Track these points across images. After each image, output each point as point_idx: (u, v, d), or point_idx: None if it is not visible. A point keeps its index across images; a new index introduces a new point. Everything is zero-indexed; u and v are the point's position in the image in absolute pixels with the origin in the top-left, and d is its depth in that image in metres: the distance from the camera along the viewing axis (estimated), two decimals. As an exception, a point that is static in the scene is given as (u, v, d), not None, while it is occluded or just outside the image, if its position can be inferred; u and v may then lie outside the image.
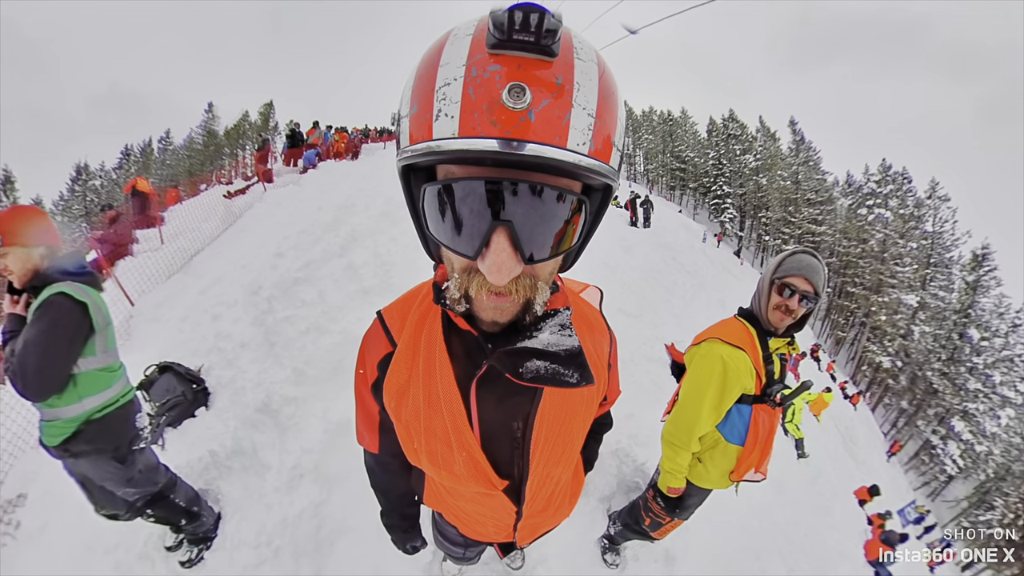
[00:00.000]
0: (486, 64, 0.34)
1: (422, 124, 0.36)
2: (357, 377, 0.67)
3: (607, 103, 0.38)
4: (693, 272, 7.56)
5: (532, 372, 0.49)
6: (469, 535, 0.86)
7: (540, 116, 0.33)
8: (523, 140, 0.33)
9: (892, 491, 9.40)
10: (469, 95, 0.34)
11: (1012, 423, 21.17)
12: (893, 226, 26.25)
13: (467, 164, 0.37)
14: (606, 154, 0.38)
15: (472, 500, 0.71)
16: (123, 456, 1.34)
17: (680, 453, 1.35)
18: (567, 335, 0.51)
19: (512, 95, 0.33)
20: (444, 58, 0.36)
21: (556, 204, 0.38)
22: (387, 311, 0.64)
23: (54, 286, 1.16)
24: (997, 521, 19.04)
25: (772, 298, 1.24)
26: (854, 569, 3.66)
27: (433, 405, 0.57)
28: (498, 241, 0.38)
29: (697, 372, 1.29)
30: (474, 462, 0.58)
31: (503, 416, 0.58)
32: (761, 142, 36.01)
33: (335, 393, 2.34)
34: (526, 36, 0.33)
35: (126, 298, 3.67)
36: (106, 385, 1.30)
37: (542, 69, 0.35)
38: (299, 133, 10.21)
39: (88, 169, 33.96)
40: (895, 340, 24.55)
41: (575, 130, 0.35)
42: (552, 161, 0.34)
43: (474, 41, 0.36)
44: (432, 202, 0.39)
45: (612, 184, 0.41)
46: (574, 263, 0.51)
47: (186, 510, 1.63)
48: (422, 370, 0.57)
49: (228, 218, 5.89)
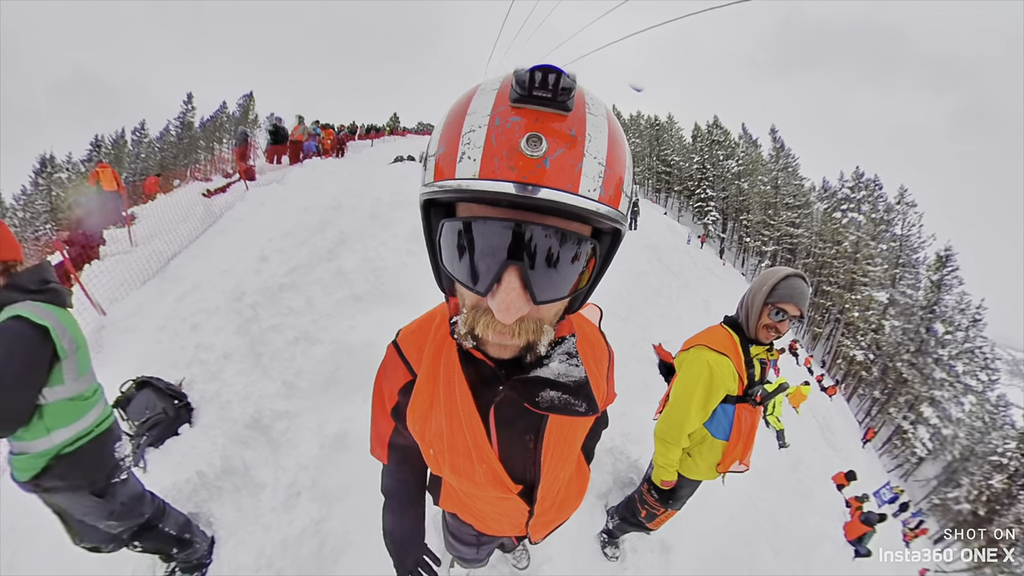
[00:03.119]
0: (508, 115, 0.38)
1: (447, 164, 0.39)
2: (375, 398, 0.73)
3: (615, 153, 0.41)
4: (678, 273, 7.73)
5: (547, 402, 0.54)
6: (485, 531, 0.91)
7: (555, 164, 0.36)
8: (538, 185, 0.36)
9: (868, 475, 9.90)
10: (491, 142, 0.37)
11: (974, 408, 22.99)
12: (865, 229, 27.55)
13: (485, 204, 0.40)
14: (615, 200, 0.40)
15: (489, 502, 0.77)
16: (101, 490, 1.23)
17: (671, 449, 1.47)
18: (575, 365, 0.54)
19: (530, 144, 0.36)
20: (472, 107, 0.40)
21: (567, 247, 0.40)
22: (403, 341, 0.68)
23: (9, 308, 1.02)
24: (964, 497, 20.55)
25: (763, 318, 1.35)
26: (835, 549, 3.82)
27: (455, 427, 0.62)
28: (509, 280, 0.40)
29: (686, 376, 1.41)
30: (493, 472, 0.65)
31: (517, 432, 0.64)
32: (743, 148, 37.03)
33: (330, 406, 2.26)
34: (544, 93, 0.37)
35: (95, 307, 3.44)
36: (78, 415, 1.17)
37: (558, 122, 0.38)
38: (282, 128, 9.87)
39: (54, 161, 31.39)
40: (867, 335, 25.83)
41: (586, 177, 0.38)
42: (564, 205, 0.36)
43: (499, 95, 0.40)
44: (449, 237, 0.41)
45: (621, 228, 0.43)
46: (582, 306, 0.53)
47: (177, 538, 1.53)
48: (443, 398, 0.61)
49: (207, 218, 5.61)
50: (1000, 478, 19.99)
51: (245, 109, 39.25)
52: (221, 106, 39.07)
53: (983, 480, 20.31)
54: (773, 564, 2.49)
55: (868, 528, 5.20)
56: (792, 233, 32.20)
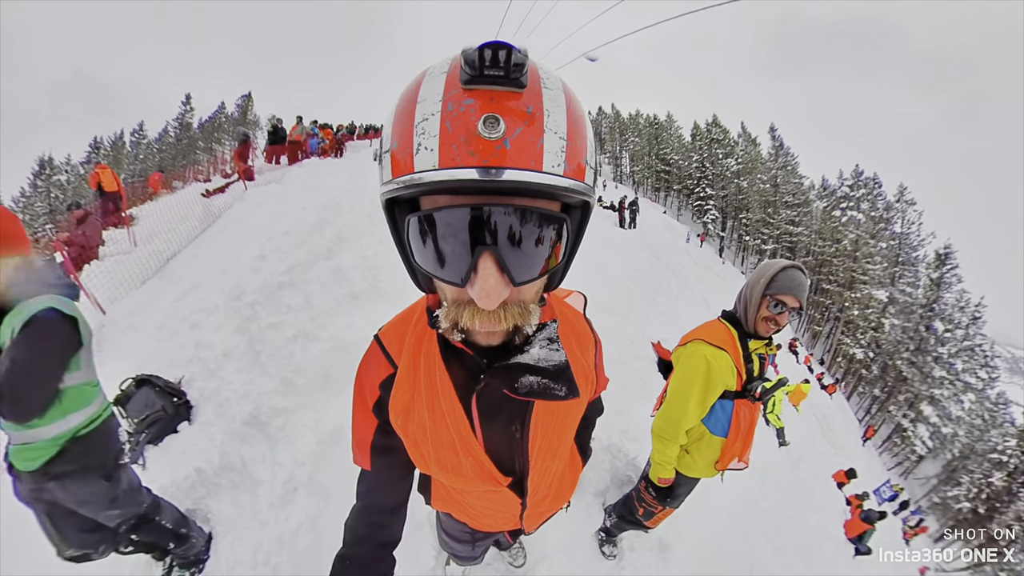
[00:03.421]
0: (461, 99, 0.36)
1: (403, 158, 0.38)
2: (356, 397, 0.68)
3: (576, 126, 0.39)
4: (677, 271, 7.74)
5: (526, 387, 0.52)
6: (479, 528, 0.89)
7: (515, 143, 0.35)
8: (501, 167, 0.35)
9: (868, 473, 9.89)
10: (447, 128, 0.35)
11: (974, 406, 22.95)
12: (864, 227, 27.51)
13: (449, 194, 0.38)
14: (580, 173, 0.39)
15: (480, 497, 0.75)
16: (110, 473, 1.28)
17: (669, 446, 1.45)
18: (555, 349, 0.53)
19: (487, 126, 0.35)
20: (421, 95, 0.38)
21: (538, 225, 0.39)
22: (384, 334, 0.66)
23: (38, 300, 1.07)
24: (964, 495, 20.51)
25: (762, 310, 1.32)
26: (835, 547, 3.82)
27: (438, 419, 0.60)
28: (485, 266, 0.39)
29: (683, 371, 1.39)
30: (480, 465, 0.63)
31: (502, 422, 0.62)
32: (743, 147, 36.98)
33: (327, 402, 2.27)
34: (496, 71, 0.35)
35: (95, 306, 3.47)
36: (90, 399, 1.23)
37: (513, 100, 0.36)
38: (281, 129, 9.89)
39: (53, 163, 31.45)
40: (867, 333, 25.81)
41: (549, 153, 0.36)
42: (530, 184, 0.35)
43: (448, 78, 0.38)
44: (417, 232, 0.40)
45: (589, 200, 0.42)
46: (560, 282, 0.51)
47: (174, 532, 1.54)
48: (424, 389, 0.60)
49: (206, 218, 5.63)
50: (1000, 476, 19.99)
51: (244, 110, 39.22)
52: (220, 107, 39.08)
53: (983, 478, 20.31)
54: (773, 562, 2.49)
55: (868, 526, 5.20)
56: (791, 231, 32.19)
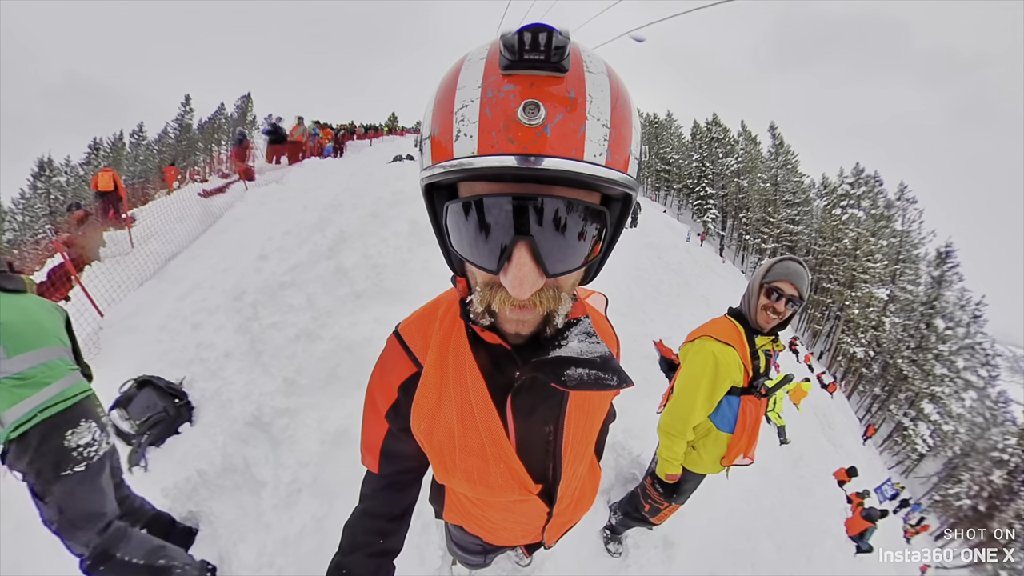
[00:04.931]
0: (500, 84, 0.35)
1: (443, 145, 0.37)
2: (367, 399, 0.65)
3: (621, 113, 0.38)
4: (678, 270, 7.74)
5: (575, 379, 0.49)
6: (494, 543, 0.86)
7: (556, 130, 0.34)
8: (540, 155, 0.34)
9: (869, 471, 9.94)
10: (486, 115, 0.35)
11: (974, 404, 23.05)
12: (865, 225, 27.46)
13: (488, 181, 0.38)
14: (623, 163, 0.38)
15: (503, 509, 0.71)
16: (43, 488, 1.10)
17: (676, 442, 1.45)
18: (595, 342, 0.51)
19: (527, 112, 0.34)
20: (461, 82, 0.38)
21: (575, 216, 0.38)
22: (405, 330, 0.63)
23: None
24: (964, 493, 20.61)
25: (760, 300, 1.35)
26: (836, 544, 3.82)
27: (467, 422, 0.56)
28: (519, 255, 0.38)
29: (691, 367, 1.39)
30: (512, 472, 0.59)
31: (536, 423, 0.59)
32: (743, 146, 36.90)
33: (330, 402, 2.25)
34: (536, 55, 0.34)
35: (94, 308, 3.45)
36: (15, 400, 1.09)
37: (554, 85, 0.35)
38: (281, 129, 9.88)
39: (52, 164, 31.47)
40: (868, 331, 25.81)
41: (591, 142, 0.35)
42: (569, 174, 0.34)
43: (488, 64, 0.37)
44: (455, 219, 0.40)
45: (631, 193, 0.41)
46: (597, 274, 0.50)
47: (148, 567, 1.27)
48: (453, 388, 0.56)
49: (206, 219, 5.62)
50: (1000, 474, 20.03)
51: (243, 110, 39.19)
52: (219, 108, 39.05)
53: (983, 476, 20.38)
54: (775, 559, 2.50)
55: (869, 524, 5.22)
56: (792, 230, 32.16)
